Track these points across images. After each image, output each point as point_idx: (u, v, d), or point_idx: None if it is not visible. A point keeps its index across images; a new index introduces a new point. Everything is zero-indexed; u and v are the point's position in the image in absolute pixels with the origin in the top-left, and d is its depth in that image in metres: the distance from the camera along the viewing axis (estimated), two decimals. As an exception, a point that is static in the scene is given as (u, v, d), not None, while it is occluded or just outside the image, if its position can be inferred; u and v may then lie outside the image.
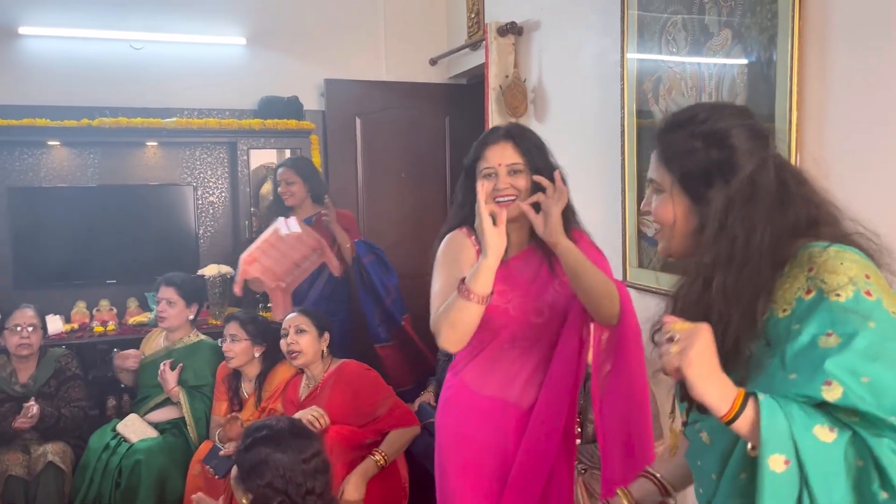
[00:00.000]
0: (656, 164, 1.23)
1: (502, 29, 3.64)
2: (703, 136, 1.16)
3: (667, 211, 1.20)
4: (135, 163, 4.25)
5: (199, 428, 3.05)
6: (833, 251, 1.06)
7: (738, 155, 1.13)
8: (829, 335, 1.00)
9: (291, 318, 2.88)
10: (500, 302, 1.81)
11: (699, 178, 1.15)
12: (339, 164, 4.47)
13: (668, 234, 1.22)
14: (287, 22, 4.43)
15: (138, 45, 4.16)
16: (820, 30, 2.00)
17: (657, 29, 2.62)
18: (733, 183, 1.12)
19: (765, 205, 1.10)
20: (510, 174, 1.78)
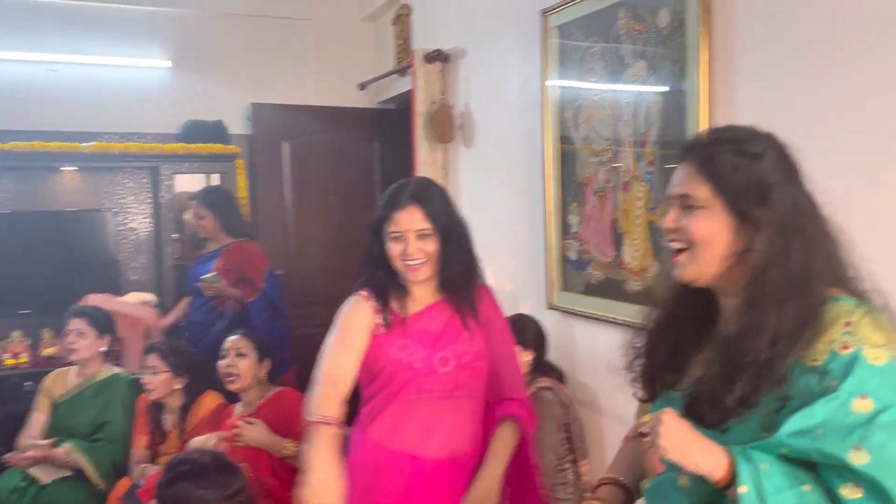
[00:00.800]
0: (694, 178, 1.14)
1: (429, 56, 3.69)
2: (748, 155, 1.12)
3: (707, 227, 1.13)
4: (51, 188, 4.11)
5: (106, 476, 2.90)
6: (868, 310, 1.07)
7: (779, 178, 1.11)
8: (863, 398, 1.00)
9: (233, 340, 2.82)
10: (402, 356, 1.82)
11: (749, 195, 1.10)
12: (266, 188, 4.42)
13: (707, 254, 1.14)
14: (213, 45, 4.39)
15: (56, 68, 4.04)
16: (726, 62, 2.10)
17: (577, 58, 2.71)
18: (779, 204, 1.10)
19: (814, 234, 1.10)
20: (419, 238, 1.79)
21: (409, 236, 1.79)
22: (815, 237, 1.11)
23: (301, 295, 4.49)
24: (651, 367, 1.26)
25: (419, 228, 1.79)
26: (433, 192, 1.85)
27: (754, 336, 1.08)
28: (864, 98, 1.74)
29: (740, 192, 1.11)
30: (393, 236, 1.81)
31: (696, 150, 1.17)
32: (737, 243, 1.13)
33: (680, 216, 1.17)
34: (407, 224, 1.78)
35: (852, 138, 1.77)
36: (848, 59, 1.78)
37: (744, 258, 1.12)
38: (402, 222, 1.79)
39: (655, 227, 2.38)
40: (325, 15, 4.61)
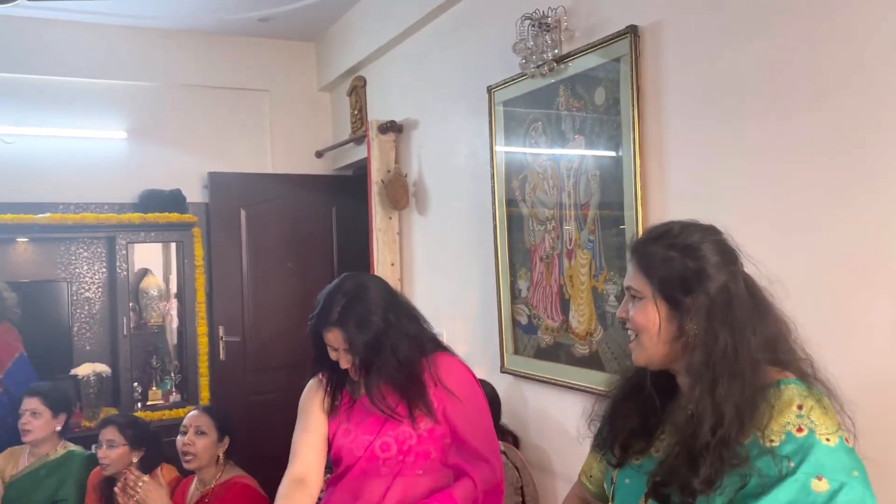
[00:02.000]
0: (635, 273, 1.28)
1: (383, 127, 3.82)
2: (679, 247, 1.24)
3: (646, 316, 1.24)
4: (4, 259, 4.08)
5: None
6: (817, 398, 1.16)
7: (710, 267, 1.21)
8: (819, 479, 1.09)
9: (193, 416, 2.76)
10: (345, 441, 1.92)
11: (677, 285, 1.22)
12: (224, 254, 4.45)
13: (648, 340, 1.25)
14: (170, 115, 4.46)
15: (10, 140, 4.06)
16: (657, 136, 2.24)
17: (521, 132, 2.85)
18: (708, 291, 1.20)
19: (744, 314, 1.19)
20: (346, 352, 1.90)
21: (339, 349, 1.91)
22: (750, 320, 1.19)
23: (258, 361, 4.49)
24: (622, 433, 1.33)
25: (345, 347, 1.90)
26: (356, 310, 1.90)
27: (700, 418, 1.16)
28: (781, 164, 1.89)
29: (669, 283, 1.23)
30: (327, 344, 1.93)
31: (636, 249, 1.30)
32: (670, 329, 1.23)
33: (629, 307, 1.29)
34: (334, 343, 1.91)
35: (774, 204, 1.90)
36: (766, 130, 1.93)
37: (682, 342, 1.22)
38: (330, 341, 1.92)
39: (599, 293, 2.48)
40: (282, 86, 4.73)
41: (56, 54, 4.12)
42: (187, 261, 4.27)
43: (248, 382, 4.47)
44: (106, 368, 3.99)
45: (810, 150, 1.81)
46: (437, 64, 3.51)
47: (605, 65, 2.41)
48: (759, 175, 1.94)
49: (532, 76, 2.68)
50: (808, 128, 1.81)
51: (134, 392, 4.13)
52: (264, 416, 4.39)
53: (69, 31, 4.14)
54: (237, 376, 4.44)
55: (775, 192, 1.90)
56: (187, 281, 4.27)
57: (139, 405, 4.09)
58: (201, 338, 4.27)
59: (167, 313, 4.33)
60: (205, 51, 4.49)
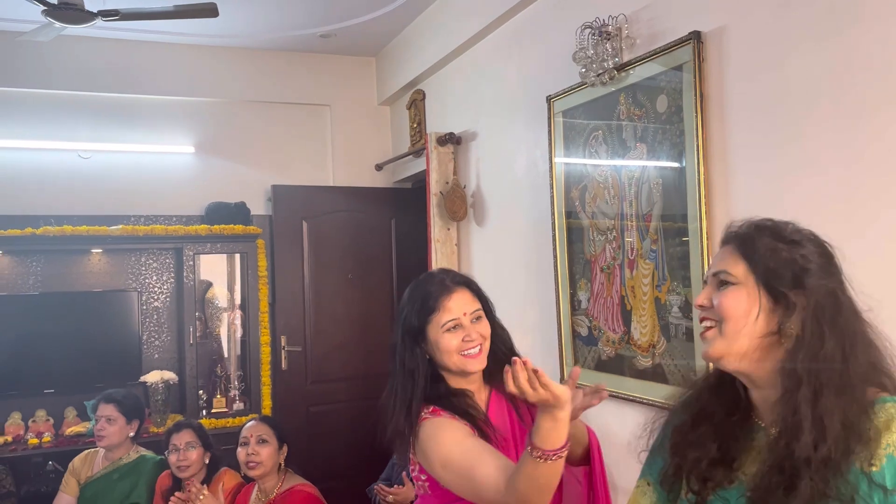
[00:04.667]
0: (731, 257, 1.14)
1: (442, 139, 3.85)
2: (788, 241, 1.12)
3: (738, 303, 1.11)
4: (79, 270, 4.25)
5: None
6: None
7: (820, 267, 1.10)
8: None
9: (252, 426, 2.82)
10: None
11: (785, 276, 1.09)
12: (287, 266, 4.54)
13: (734, 330, 1.11)
14: (235, 131, 4.59)
15: (86, 155, 4.25)
16: (721, 144, 2.20)
17: (581, 142, 2.83)
18: (817, 290, 1.07)
19: (851, 323, 1.07)
20: (474, 322, 1.67)
21: (465, 321, 1.65)
22: (854, 332, 1.08)
23: (319, 371, 4.55)
24: (698, 464, 1.17)
25: (474, 311, 1.67)
26: (471, 278, 1.75)
27: (796, 432, 1.03)
28: (856, 173, 1.82)
29: (776, 272, 1.10)
30: (447, 327, 1.64)
31: (737, 235, 1.17)
32: (768, 323, 1.10)
33: (713, 294, 1.15)
34: (461, 308, 1.65)
35: (849, 217, 1.83)
36: (838, 137, 1.86)
37: (775, 342, 1.10)
38: (456, 308, 1.65)
39: (662, 303, 2.43)
40: (343, 100, 4.82)
41: (128, 73, 4.29)
42: (251, 272, 4.37)
43: (309, 392, 4.53)
44: (173, 376, 4.10)
45: (888, 156, 1.74)
46: (495, 75, 3.52)
47: (667, 72, 2.37)
48: (831, 185, 1.87)
49: (592, 85, 2.66)
50: (885, 133, 1.74)
51: (199, 399, 4.24)
52: (325, 427, 4.46)
53: (140, 51, 4.31)
54: (299, 386, 4.51)
55: (850, 204, 1.82)
56: (251, 291, 4.37)
57: (204, 412, 4.19)
58: (264, 347, 4.36)
59: (232, 323, 4.43)
60: (268, 67, 4.61)
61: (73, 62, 4.18)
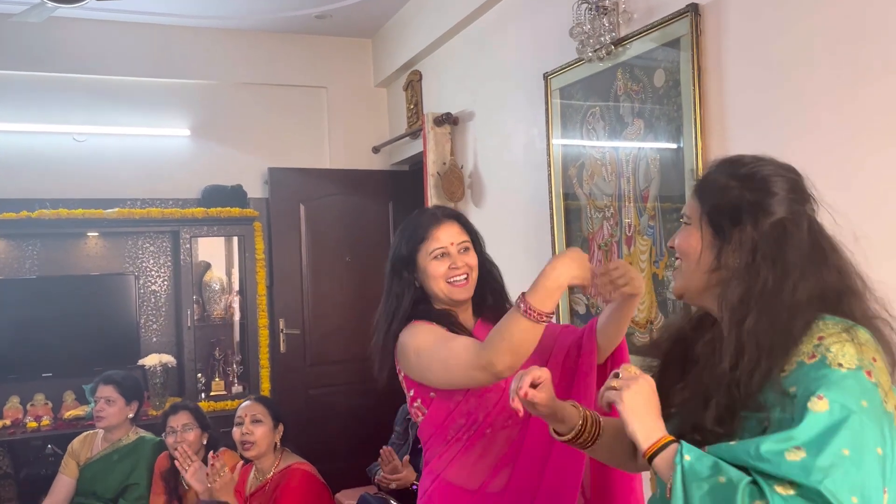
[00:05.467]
0: (689, 198, 1.22)
1: (439, 119, 3.82)
2: (742, 177, 1.15)
3: (689, 241, 1.18)
4: (76, 253, 4.24)
5: None
6: (846, 326, 1.06)
7: (773, 201, 1.13)
8: (820, 398, 0.99)
9: (247, 406, 2.82)
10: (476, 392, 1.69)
11: (726, 213, 1.14)
12: (284, 249, 4.53)
13: (687, 267, 1.19)
14: (231, 113, 4.56)
15: (81, 138, 4.22)
16: (719, 119, 2.18)
17: (578, 119, 2.81)
18: (761, 226, 1.11)
19: (796, 256, 1.10)
20: (462, 252, 1.75)
21: (452, 250, 1.74)
22: (802, 264, 1.10)
23: (318, 354, 4.54)
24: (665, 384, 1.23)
25: (461, 241, 1.76)
26: (461, 212, 1.87)
27: (721, 355, 1.10)
28: (858, 142, 1.81)
29: (718, 210, 1.15)
30: (435, 255, 1.74)
31: (702, 175, 1.24)
32: (708, 257, 1.16)
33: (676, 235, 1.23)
34: (448, 237, 1.74)
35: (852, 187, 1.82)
36: (835, 112, 1.85)
37: (719, 275, 1.15)
38: (443, 237, 1.74)
39: (660, 279, 2.43)
40: (339, 82, 4.79)
41: (122, 55, 4.26)
42: (248, 255, 4.36)
43: (307, 375, 4.53)
44: (171, 359, 4.10)
45: (890, 122, 1.72)
46: (491, 54, 3.50)
47: (664, 46, 2.35)
48: (833, 155, 1.85)
49: (590, 61, 2.64)
50: (887, 103, 1.72)
51: (198, 383, 4.24)
52: (324, 409, 4.46)
53: (136, 33, 4.28)
54: (297, 369, 4.51)
55: (852, 173, 1.81)
56: (248, 274, 4.36)
57: (203, 395, 4.20)
58: (262, 330, 4.36)
59: (229, 306, 4.43)
60: (264, 49, 4.58)
61: (66, 44, 4.14)
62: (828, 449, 0.96)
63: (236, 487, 2.79)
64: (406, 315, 1.75)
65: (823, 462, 0.96)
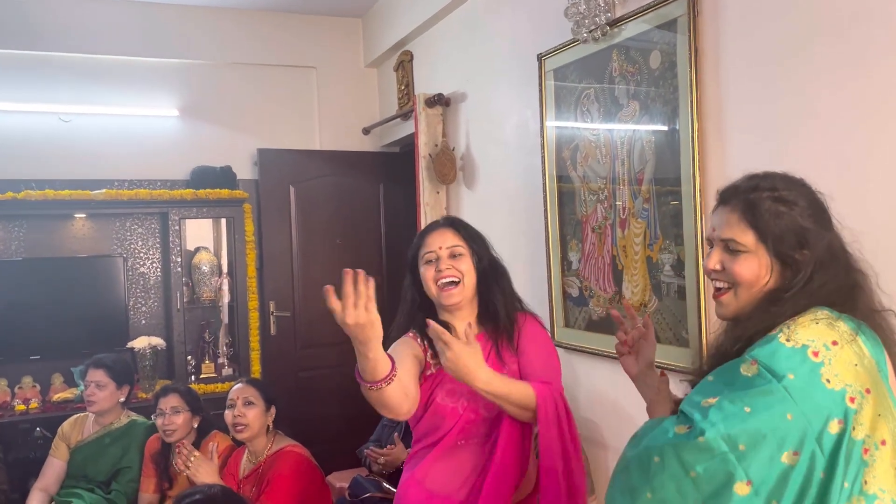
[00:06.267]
0: (739, 225, 1.25)
1: (430, 100, 3.79)
2: (787, 202, 1.22)
3: (753, 271, 1.23)
4: (63, 235, 4.19)
5: None
6: (835, 319, 1.15)
7: (814, 224, 1.22)
8: (752, 363, 1.11)
9: (239, 388, 2.80)
10: (449, 402, 1.80)
11: (790, 240, 1.21)
12: (274, 231, 4.49)
13: (747, 294, 1.24)
14: (220, 94, 4.50)
15: (67, 118, 4.16)
16: (716, 102, 2.16)
17: (573, 100, 2.79)
18: (817, 249, 1.20)
19: (837, 269, 1.21)
20: (451, 257, 1.80)
21: (441, 254, 1.80)
22: (847, 266, 1.22)
23: (308, 337, 4.53)
24: None
25: (451, 245, 1.81)
26: (465, 223, 1.93)
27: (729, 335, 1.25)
28: (860, 129, 1.80)
29: (782, 239, 1.21)
30: (426, 259, 1.81)
31: (737, 197, 1.27)
32: (776, 283, 1.23)
33: (724, 259, 1.27)
34: (438, 243, 1.81)
35: (845, 176, 1.81)
36: (835, 95, 1.84)
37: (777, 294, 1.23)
38: (434, 242, 1.82)
39: (654, 262, 2.42)
40: (329, 62, 4.73)
41: (110, 33, 4.19)
42: (238, 236, 4.32)
43: (298, 358, 4.52)
44: (161, 342, 4.07)
45: (890, 111, 1.70)
46: (485, 34, 3.46)
47: (660, 27, 2.33)
48: (830, 141, 1.84)
49: (584, 41, 2.62)
50: (888, 85, 1.71)
51: (188, 365, 4.22)
52: (314, 392, 4.45)
53: (123, 11, 4.21)
54: (288, 351, 4.50)
55: (853, 159, 1.80)
56: (238, 256, 4.33)
57: (193, 378, 4.18)
58: (252, 312, 4.33)
59: (219, 288, 4.40)
60: (253, 28, 4.51)
61: (51, 22, 4.06)
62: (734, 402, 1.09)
63: (229, 470, 2.79)
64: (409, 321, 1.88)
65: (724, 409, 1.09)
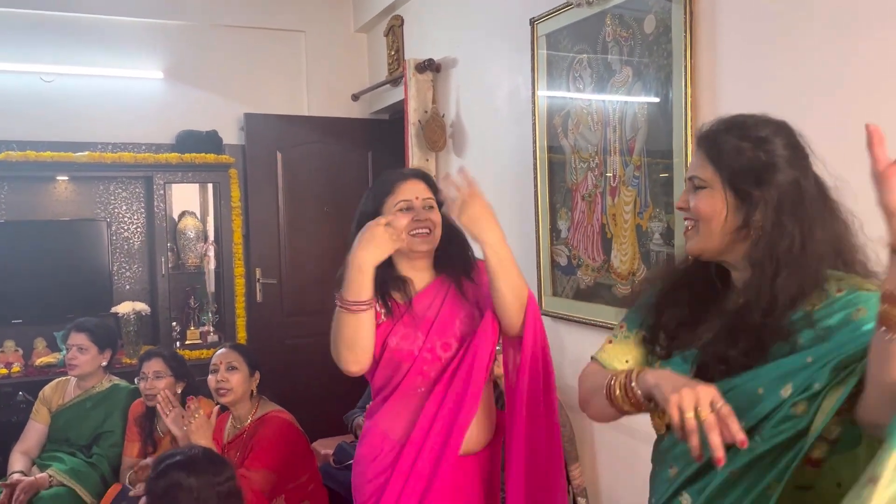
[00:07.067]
0: (702, 162, 1.25)
1: (420, 66, 3.73)
2: (752, 139, 1.20)
3: (711, 206, 1.22)
4: (45, 198, 4.12)
5: (97, 495, 2.86)
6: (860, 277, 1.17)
7: (780, 160, 1.19)
8: (859, 310, 1.10)
9: (222, 353, 2.78)
10: (404, 345, 1.82)
11: (748, 176, 1.19)
12: (260, 198, 4.44)
13: (708, 230, 1.24)
14: (206, 56, 4.41)
15: (49, 78, 4.06)
16: (711, 68, 2.13)
17: (565, 67, 2.74)
18: (779, 184, 1.17)
19: (813, 210, 1.18)
20: (426, 209, 1.83)
21: (416, 204, 1.81)
22: (818, 218, 1.18)
23: (295, 305, 4.50)
24: (671, 322, 1.30)
25: (426, 197, 1.83)
26: (427, 173, 1.95)
27: (752, 305, 1.17)
28: (862, 97, 1.77)
29: (739, 173, 1.20)
30: (400, 207, 1.81)
31: (706, 137, 1.27)
32: (734, 219, 1.21)
33: (690, 196, 1.27)
34: (414, 193, 1.82)
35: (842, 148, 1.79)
36: (830, 64, 1.81)
37: (744, 234, 1.21)
38: (409, 192, 1.82)
39: (643, 230, 2.40)
40: (318, 27, 4.65)
41: (92, -8, 4.09)
42: (224, 202, 4.26)
43: (284, 325, 4.50)
44: (145, 307, 4.03)
45: (889, 77, 1.68)
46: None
47: (656, -10, 2.29)
48: (829, 111, 1.80)
49: (578, 6, 2.57)
50: (887, 51, 1.68)
51: (173, 331, 4.18)
52: (300, 360, 4.42)
53: (105, -32, 4.10)
54: (274, 319, 4.47)
55: (850, 128, 1.77)
56: (224, 222, 4.27)
57: (178, 344, 4.14)
58: (238, 279, 4.29)
59: (205, 255, 4.35)
60: (240, -11, 4.42)
61: (32, -22, 3.96)
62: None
63: (214, 436, 2.77)
64: None
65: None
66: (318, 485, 2.79)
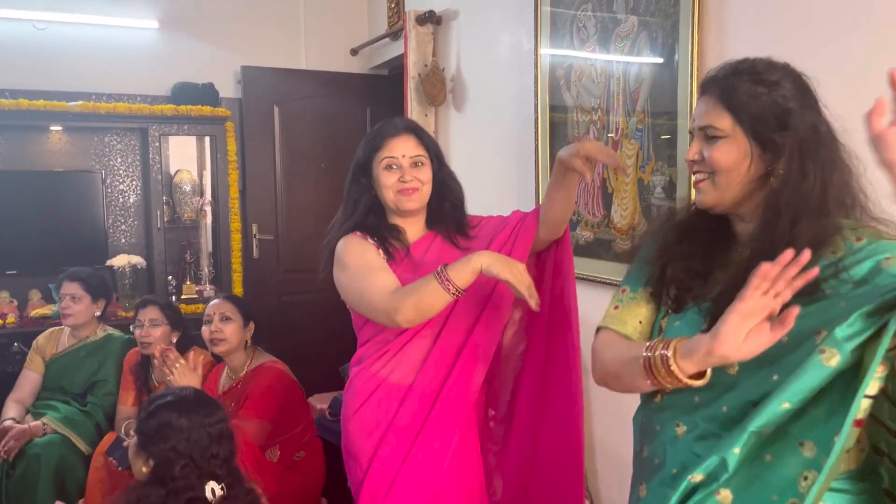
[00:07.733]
0: (716, 109, 1.18)
1: (421, 17, 3.65)
2: (766, 83, 1.15)
3: (731, 155, 1.17)
4: (39, 148, 4.06)
5: (91, 443, 2.86)
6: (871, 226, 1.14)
7: (795, 105, 1.14)
8: (889, 258, 1.06)
9: (216, 304, 2.77)
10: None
11: (769, 122, 1.14)
12: (257, 152, 4.39)
13: (727, 181, 1.18)
14: (202, 7, 4.32)
15: (42, 26, 3.98)
16: (718, 22, 2.07)
17: (569, 17, 2.68)
18: (799, 129, 1.13)
19: (829, 154, 1.14)
20: (413, 166, 1.81)
21: (403, 162, 1.79)
22: (832, 159, 1.14)
23: (291, 261, 4.47)
24: (681, 275, 1.25)
25: (414, 155, 1.81)
26: (425, 130, 1.90)
27: (769, 253, 1.10)
28: (858, 69, 1.73)
29: (760, 119, 1.15)
30: (385, 164, 1.79)
31: (715, 83, 1.20)
32: (757, 168, 1.16)
33: (703, 147, 1.20)
34: (401, 150, 1.79)
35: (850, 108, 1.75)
36: (840, 31, 1.76)
37: (763, 183, 1.16)
38: (396, 148, 1.79)
39: (645, 184, 2.37)
40: (318, -23, 4.55)
41: (85, -64, 3.98)
42: (220, 156, 4.21)
43: (281, 281, 4.48)
44: (141, 260, 4.01)
45: None
46: (480, -53, 3.31)
47: (665, -64, 2.22)
48: (840, 59, 1.75)
49: (584, -48, 2.49)
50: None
51: (168, 285, 4.16)
52: (296, 317, 4.42)
53: (98, -88, 3.99)
54: (270, 275, 4.45)
55: (861, 79, 1.72)
56: (220, 177, 4.22)
57: (174, 298, 4.12)
58: (234, 234, 4.26)
59: (201, 209, 4.31)
60: (238, -63, 4.30)
61: (23, -79, 3.85)
62: None
63: (209, 387, 2.77)
64: (356, 222, 1.83)
65: None
66: (314, 436, 2.80)
